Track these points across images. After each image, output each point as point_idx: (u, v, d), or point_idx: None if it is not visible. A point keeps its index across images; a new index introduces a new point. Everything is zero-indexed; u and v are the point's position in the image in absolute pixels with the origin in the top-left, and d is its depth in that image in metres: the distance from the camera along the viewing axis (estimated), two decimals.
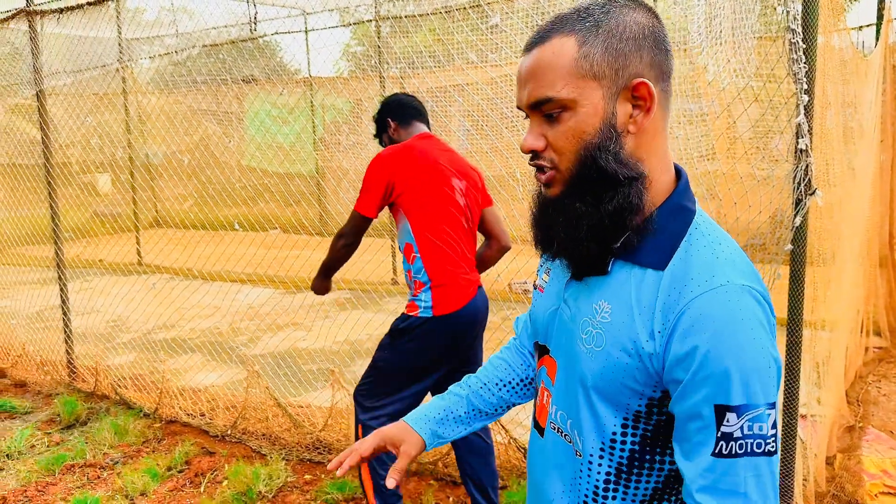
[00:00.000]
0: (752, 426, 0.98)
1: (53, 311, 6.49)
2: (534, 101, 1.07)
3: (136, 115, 10.47)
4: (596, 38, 1.05)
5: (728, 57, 2.98)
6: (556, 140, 1.07)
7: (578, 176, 1.08)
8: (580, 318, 1.15)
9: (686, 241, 1.08)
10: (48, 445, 4.34)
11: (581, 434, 1.15)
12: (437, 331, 2.79)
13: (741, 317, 0.99)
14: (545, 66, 1.06)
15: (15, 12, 5.32)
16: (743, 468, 0.99)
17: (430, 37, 6.32)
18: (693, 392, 1.00)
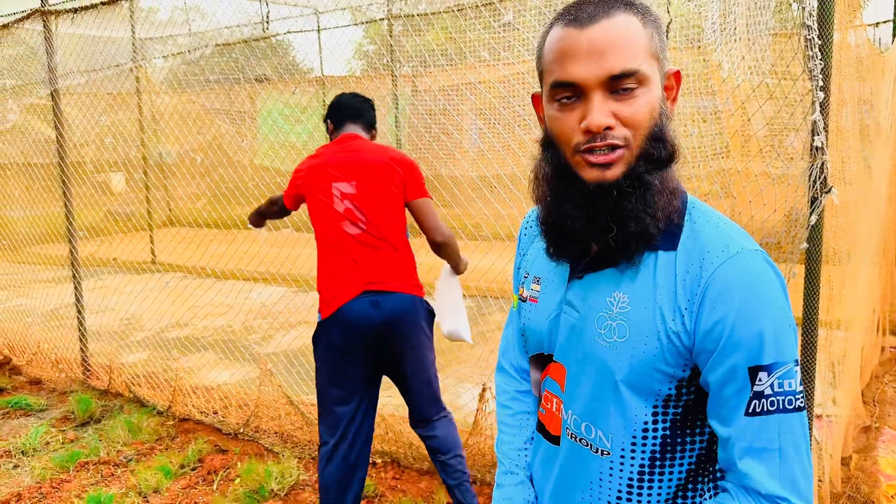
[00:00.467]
0: (781, 383, 1.01)
1: (68, 310, 6.54)
2: (618, 72, 1.02)
3: (150, 114, 10.53)
4: (651, 24, 1.07)
5: (742, 54, 2.96)
6: (632, 115, 1.04)
7: (647, 153, 1.06)
8: (593, 315, 1.14)
9: (688, 219, 1.11)
10: (63, 443, 4.37)
11: (606, 433, 1.14)
12: (323, 333, 2.89)
13: (762, 280, 1.03)
14: (624, 39, 1.03)
15: (30, 12, 5.36)
16: (776, 424, 1.02)
17: (442, 35, 6.32)
18: (726, 358, 1.03)
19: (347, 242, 2.83)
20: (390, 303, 2.83)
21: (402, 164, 2.89)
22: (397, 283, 2.85)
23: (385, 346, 2.88)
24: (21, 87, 6.95)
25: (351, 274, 2.81)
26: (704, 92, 5.32)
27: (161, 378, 5.16)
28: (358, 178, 2.84)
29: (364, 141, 2.97)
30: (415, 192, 2.90)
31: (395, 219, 2.88)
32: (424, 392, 3.03)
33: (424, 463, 3.81)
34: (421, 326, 2.92)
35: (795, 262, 2.73)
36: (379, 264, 2.83)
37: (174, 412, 4.66)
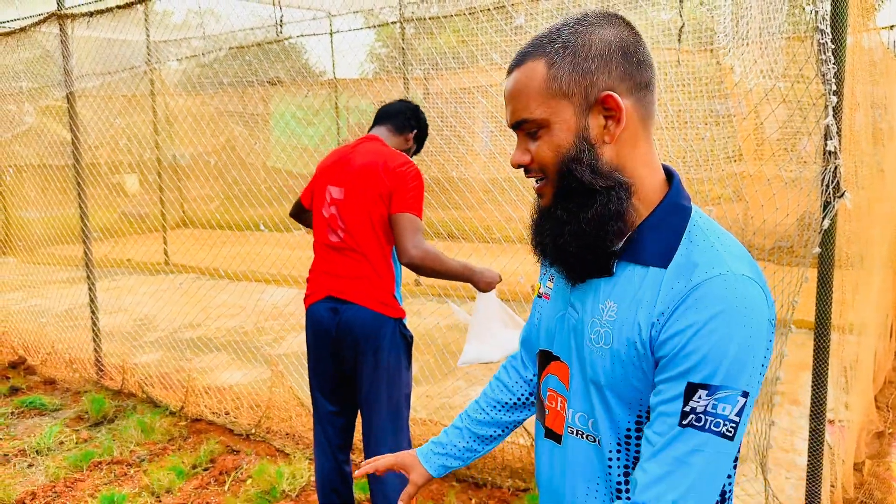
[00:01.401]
0: (716, 405, 1.02)
1: (82, 310, 6.59)
2: (514, 121, 1.16)
3: (164, 116, 10.61)
4: (563, 60, 1.11)
5: (755, 57, 2.95)
6: (537, 155, 1.15)
7: (560, 186, 1.15)
8: (588, 319, 1.19)
9: (686, 237, 1.13)
10: (76, 442, 4.41)
11: (599, 431, 1.19)
12: (306, 318, 2.91)
13: (739, 304, 1.03)
14: (520, 90, 1.14)
15: (47, 16, 5.42)
16: (695, 441, 1.03)
17: (454, 38, 6.34)
18: (674, 365, 1.05)
19: (325, 249, 2.81)
20: (348, 313, 2.72)
21: (392, 174, 2.69)
22: (361, 297, 2.71)
23: (342, 356, 2.79)
24: (37, 90, 7.02)
25: (321, 278, 2.81)
26: (717, 95, 5.30)
27: (174, 378, 5.19)
28: (347, 183, 2.75)
29: (375, 144, 2.82)
30: (396, 204, 2.68)
31: (374, 230, 2.71)
32: (377, 426, 2.78)
33: None
34: (382, 347, 2.72)
35: (808, 267, 2.72)
36: (347, 274, 2.73)
37: (187, 412, 4.70)
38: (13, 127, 7.73)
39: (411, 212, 2.67)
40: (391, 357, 2.75)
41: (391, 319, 2.74)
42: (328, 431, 2.93)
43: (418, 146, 3.05)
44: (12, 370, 5.86)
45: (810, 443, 2.82)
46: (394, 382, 2.78)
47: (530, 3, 5.28)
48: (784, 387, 4.79)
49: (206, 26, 7.03)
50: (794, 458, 3.89)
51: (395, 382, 2.78)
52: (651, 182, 1.16)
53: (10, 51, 6.47)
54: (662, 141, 4.60)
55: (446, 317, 6.43)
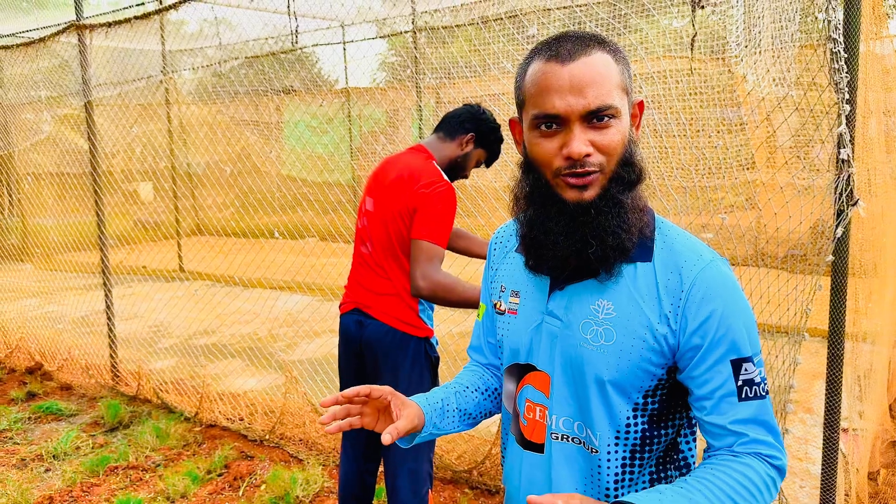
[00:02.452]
0: (761, 371, 1.19)
1: (98, 316, 6.66)
2: (596, 108, 1.15)
3: (178, 125, 10.70)
4: (621, 61, 1.20)
5: (768, 66, 2.97)
6: (607, 144, 1.17)
7: (618, 175, 1.19)
8: (577, 322, 1.24)
9: (658, 233, 1.25)
10: (92, 447, 4.45)
11: (594, 431, 1.24)
12: (339, 326, 2.87)
13: (734, 284, 1.20)
14: (601, 76, 1.16)
15: (66, 26, 5.49)
16: (768, 405, 1.19)
17: (466, 46, 6.37)
18: (713, 351, 1.17)
19: (357, 260, 2.81)
20: (371, 328, 2.69)
21: (417, 193, 2.57)
22: (384, 313, 2.67)
23: (366, 369, 2.76)
24: (54, 99, 7.11)
25: (354, 288, 2.81)
26: (729, 103, 5.31)
27: (188, 384, 5.23)
28: (377, 196, 2.70)
29: (415, 156, 2.71)
30: (416, 227, 2.56)
31: (394, 249, 2.65)
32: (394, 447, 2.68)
33: (447, 472, 3.83)
34: (402, 366, 2.66)
35: (821, 275, 2.72)
36: (373, 288, 2.71)
37: (201, 418, 4.73)
38: (31, 135, 7.83)
39: (429, 239, 2.54)
40: (412, 377, 2.68)
41: (414, 338, 2.68)
42: (353, 439, 2.92)
43: (488, 151, 2.83)
44: (29, 376, 5.92)
45: (824, 452, 2.81)
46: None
47: (542, 13, 5.31)
48: (797, 395, 4.77)
49: (221, 36, 7.11)
50: (807, 467, 3.88)
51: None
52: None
53: (29, 60, 6.56)
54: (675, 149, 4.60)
55: (458, 324, 6.45)
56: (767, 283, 3.11)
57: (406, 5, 7.65)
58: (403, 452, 2.72)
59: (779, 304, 2.98)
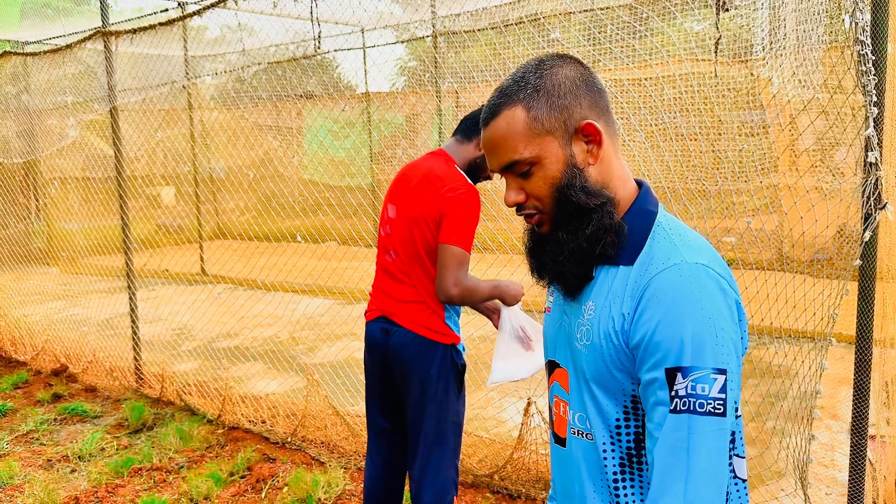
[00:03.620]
0: (695, 386, 1.11)
1: (121, 319, 6.73)
2: (503, 165, 1.26)
3: (200, 130, 10.81)
4: (539, 101, 1.23)
5: (793, 68, 2.94)
6: (532, 190, 1.26)
7: (558, 214, 1.26)
8: (575, 321, 1.31)
9: (651, 237, 1.25)
10: (117, 449, 4.50)
11: (592, 427, 1.28)
12: (365, 334, 2.87)
13: (691, 289, 1.14)
14: (504, 136, 1.24)
15: (92, 32, 5.57)
16: (687, 425, 1.11)
17: (488, 50, 6.38)
18: (650, 357, 1.15)
19: (380, 267, 2.80)
20: (397, 336, 2.69)
21: (443, 199, 2.57)
22: (410, 321, 2.67)
23: (392, 377, 2.76)
24: (80, 104, 7.21)
25: (378, 296, 2.80)
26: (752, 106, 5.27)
27: (211, 387, 5.27)
28: (400, 202, 2.69)
29: (436, 160, 2.70)
30: (444, 233, 2.56)
31: (420, 257, 2.64)
32: (421, 455, 2.71)
33: (469, 476, 3.83)
34: (429, 374, 2.66)
35: (848, 280, 2.69)
36: (398, 296, 2.70)
37: (224, 420, 4.77)
38: (58, 141, 7.94)
39: (458, 244, 2.54)
40: (439, 385, 2.67)
41: (441, 345, 2.67)
42: (379, 446, 2.92)
43: None
44: (55, 378, 6.00)
45: (851, 458, 2.78)
46: (441, 411, 2.71)
47: (564, 16, 5.31)
48: (823, 401, 4.71)
49: (241, 41, 7.17)
50: (834, 474, 3.83)
51: (443, 411, 2.71)
52: (624, 193, 1.29)
53: (56, 67, 6.66)
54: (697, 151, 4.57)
55: (478, 328, 6.44)
56: (793, 287, 3.08)
57: (426, 10, 7.68)
58: (429, 459, 2.71)
59: (805, 308, 2.95)
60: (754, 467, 3.69)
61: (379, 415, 2.89)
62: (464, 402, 2.81)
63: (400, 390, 2.76)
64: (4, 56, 7.07)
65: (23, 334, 6.87)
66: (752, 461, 3.73)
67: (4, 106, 7.94)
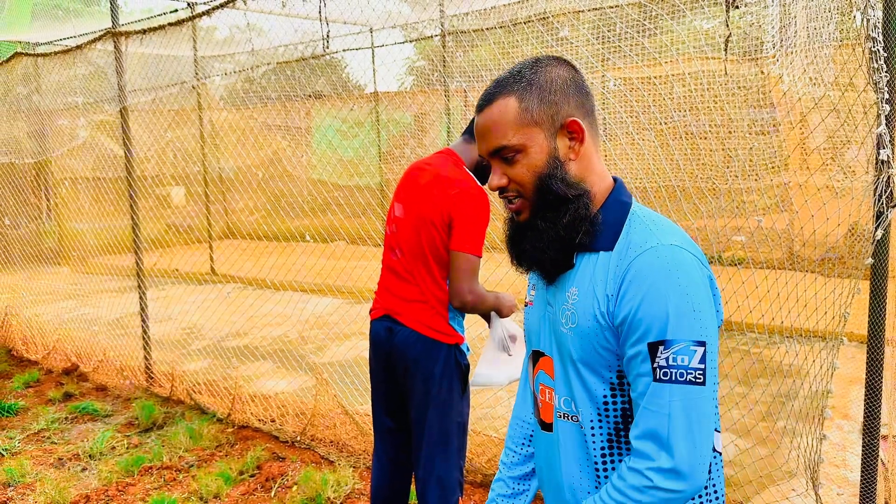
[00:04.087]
0: (675, 357, 1.21)
1: (132, 319, 6.76)
2: (491, 149, 1.35)
3: (210, 130, 10.84)
4: (531, 95, 1.33)
5: (804, 66, 2.92)
6: (515, 176, 1.35)
7: (538, 200, 1.35)
8: (559, 307, 1.39)
9: (627, 224, 1.34)
10: (127, 447, 4.52)
11: (578, 407, 1.36)
12: (369, 332, 2.87)
13: (668, 268, 1.24)
14: (496, 122, 1.34)
15: (102, 33, 5.59)
16: (668, 393, 1.21)
17: (496, 49, 6.37)
18: (633, 333, 1.24)
19: (386, 266, 2.80)
20: (401, 335, 2.69)
21: (452, 201, 2.56)
22: (414, 320, 2.67)
23: (396, 376, 2.76)
24: (90, 105, 7.25)
25: (383, 294, 2.79)
26: (762, 104, 5.24)
27: (221, 386, 5.29)
28: (407, 202, 2.69)
29: (443, 160, 2.70)
30: (457, 239, 2.55)
31: (425, 257, 2.63)
32: (425, 454, 2.70)
33: (478, 476, 3.83)
34: (433, 374, 2.65)
35: (860, 278, 2.67)
36: (403, 295, 2.70)
37: (233, 419, 4.78)
38: (68, 141, 7.98)
39: (471, 251, 2.54)
40: (443, 385, 2.67)
41: (444, 345, 2.66)
42: (385, 445, 2.91)
43: None
44: (66, 376, 6.03)
45: (863, 459, 2.76)
46: (445, 411, 2.70)
47: (573, 15, 5.29)
48: (834, 401, 4.69)
49: (250, 42, 7.19)
50: (845, 474, 3.81)
51: (447, 411, 2.70)
52: (600, 188, 1.38)
53: (66, 67, 6.70)
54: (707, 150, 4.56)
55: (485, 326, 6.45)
56: (804, 286, 3.07)
57: (435, 9, 7.68)
58: (433, 459, 2.71)
59: (815, 307, 2.93)
60: (765, 467, 3.67)
61: (384, 414, 2.88)
62: (468, 402, 2.80)
63: (403, 390, 2.75)
64: (16, 57, 7.12)
65: (34, 333, 6.91)
66: (763, 461, 3.71)
67: (16, 106, 7.99)
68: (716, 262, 7.04)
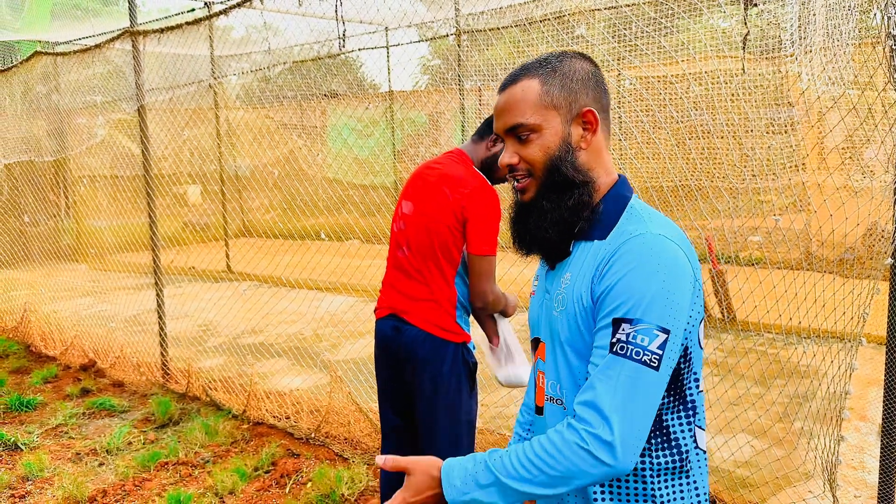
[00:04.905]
0: (636, 336, 1.24)
1: (148, 315, 6.82)
2: (508, 126, 1.40)
3: (226, 129, 10.91)
4: (554, 80, 1.39)
5: (823, 64, 2.90)
6: (527, 155, 1.40)
7: (546, 181, 1.40)
8: (554, 293, 1.44)
9: (623, 216, 1.39)
10: (144, 443, 4.55)
11: (563, 390, 1.40)
12: (375, 331, 2.88)
13: (651, 254, 1.27)
14: (517, 100, 1.39)
15: (120, 32, 5.64)
16: (619, 366, 1.23)
17: (512, 47, 6.36)
18: (605, 308, 1.28)
19: (392, 263, 2.79)
20: (408, 334, 2.68)
21: (465, 202, 2.57)
22: (421, 319, 2.67)
23: (403, 375, 2.75)
24: (108, 104, 7.31)
25: (389, 292, 2.79)
26: (780, 103, 5.20)
27: (236, 383, 5.32)
28: (416, 200, 2.69)
29: (453, 159, 2.71)
30: (475, 242, 2.58)
31: (434, 255, 2.64)
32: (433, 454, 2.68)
33: None
34: (441, 373, 2.65)
35: (879, 279, 2.64)
36: (409, 293, 2.70)
37: (249, 416, 4.81)
38: (87, 139, 8.06)
39: (490, 252, 2.57)
40: (451, 384, 2.67)
41: (452, 344, 2.67)
42: (393, 443, 2.91)
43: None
44: (83, 372, 6.09)
45: (882, 461, 2.73)
46: (453, 410, 2.70)
47: (589, 13, 5.28)
48: (852, 402, 4.65)
49: (266, 41, 7.23)
50: (863, 476, 3.77)
51: (454, 410, 2.70)
52: (605, 181, 1.43)
53: (85, 67, 6.76)
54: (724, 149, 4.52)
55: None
56: (822, 286, 3.04)
57: (450, 8, 7.68)
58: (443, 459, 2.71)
59: (834, 307, 2.91)
60: (781, 468, 3.65)
61: (391, 412, 2.88)
62: (476, 400, 2.80)
63: (411, 388, 2.75)
64: (36, 56, 7.19)
65: (52, 330, 6.98)
66: (780, 462, 3.68)
67: (36, 105, 8.08)
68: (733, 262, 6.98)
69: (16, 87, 7.86)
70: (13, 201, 9.09)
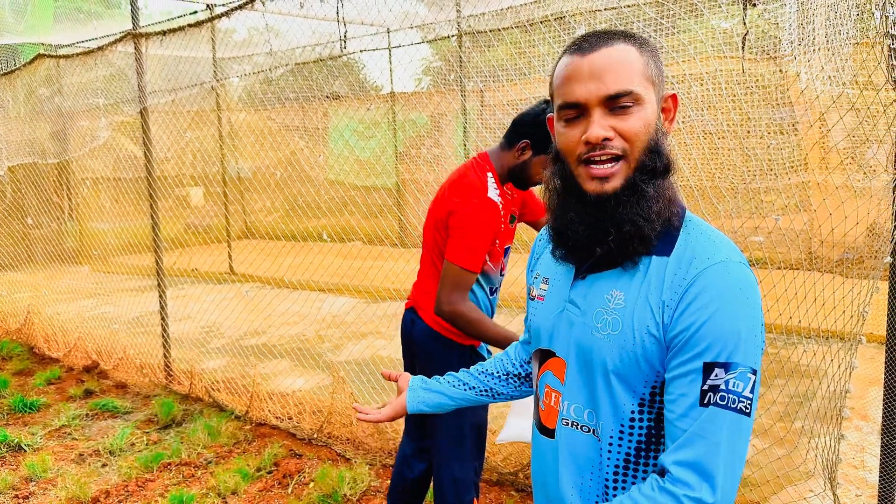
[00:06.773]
0: (736, 383, 1.10)
1: (151, 317, 6.83)
2: (614, 93, 1.16)
3: (228, 130, 10.93)
4: (647, 53, 1.21)
5: (822, 64, 2.91)
6: (628, 129, 1.17)
7: (644, 164, 1.19)
8: (592, 310, 1.26)
9: (684, 229, 1.23)
10: (147, 444, 4.57)
11: (600, 419, 1.25)
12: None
13: (739, 288, 1.13)
14: (620, 63, 1.17)
15: (122, 35, 5.66)
16: (721, 419, 1.10)
17: (513, 48, 6.38)
18: (690, 349, 1.13)
19: (422, 262, 2.82)
20: (419, 328, 2.73)
21: (453, 209, 2.51)
22: (430, 316, 2.69)
23: (416, 365, 2.79)
24: (111, 106, 7.33)
25: (414, 285, 2.84)
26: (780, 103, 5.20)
27: (239, 384, 5.34)
28: (433, 202, 2.73)
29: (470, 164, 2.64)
30: (449, 248, 2.50)
31: (433, 256, 2.67)
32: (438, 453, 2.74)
33: (493, 474, 3.84)
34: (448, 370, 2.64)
35: (879, 278, 2.65)
36: (423, 288, 2.74)
37: (251, 417, 4.82)
38: (89, 142, 8.08)
39: (460, 263, 2.46)
40: None
41: (458, 345, 2.67)
42: (410, 433, 2.96)
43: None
44: (87, 374, 6.11)
45: (882, 460, 2.74)
46: (459, 411, 2.66)
47: (590, 14, 5.29)
48: (853, 401, 4.65)
49: (268, 43, 7.24)
50: (864, 476, 3.78)
51: (461, 411, 2.61)
52: None
53: (87, 69, 6.78)
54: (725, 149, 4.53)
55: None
56: (822, 285, 3.05)
57: (451, 10, 7.70)
58: (448, 459, 2.71)
59: (834, 306, 2.92)
60: (782, 467, 3.65)
61: None
62: (486, 406, 2.81)
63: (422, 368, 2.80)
64: (38, 59, 7.22)
65: (55, 332, 7.01)
66: (780, 461, 3.69)
67: (38, 108, 8.11)
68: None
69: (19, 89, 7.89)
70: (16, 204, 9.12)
